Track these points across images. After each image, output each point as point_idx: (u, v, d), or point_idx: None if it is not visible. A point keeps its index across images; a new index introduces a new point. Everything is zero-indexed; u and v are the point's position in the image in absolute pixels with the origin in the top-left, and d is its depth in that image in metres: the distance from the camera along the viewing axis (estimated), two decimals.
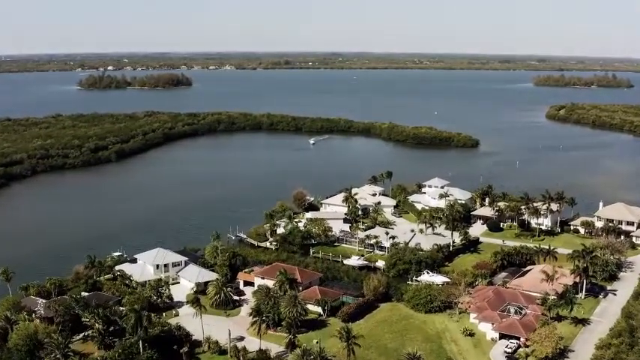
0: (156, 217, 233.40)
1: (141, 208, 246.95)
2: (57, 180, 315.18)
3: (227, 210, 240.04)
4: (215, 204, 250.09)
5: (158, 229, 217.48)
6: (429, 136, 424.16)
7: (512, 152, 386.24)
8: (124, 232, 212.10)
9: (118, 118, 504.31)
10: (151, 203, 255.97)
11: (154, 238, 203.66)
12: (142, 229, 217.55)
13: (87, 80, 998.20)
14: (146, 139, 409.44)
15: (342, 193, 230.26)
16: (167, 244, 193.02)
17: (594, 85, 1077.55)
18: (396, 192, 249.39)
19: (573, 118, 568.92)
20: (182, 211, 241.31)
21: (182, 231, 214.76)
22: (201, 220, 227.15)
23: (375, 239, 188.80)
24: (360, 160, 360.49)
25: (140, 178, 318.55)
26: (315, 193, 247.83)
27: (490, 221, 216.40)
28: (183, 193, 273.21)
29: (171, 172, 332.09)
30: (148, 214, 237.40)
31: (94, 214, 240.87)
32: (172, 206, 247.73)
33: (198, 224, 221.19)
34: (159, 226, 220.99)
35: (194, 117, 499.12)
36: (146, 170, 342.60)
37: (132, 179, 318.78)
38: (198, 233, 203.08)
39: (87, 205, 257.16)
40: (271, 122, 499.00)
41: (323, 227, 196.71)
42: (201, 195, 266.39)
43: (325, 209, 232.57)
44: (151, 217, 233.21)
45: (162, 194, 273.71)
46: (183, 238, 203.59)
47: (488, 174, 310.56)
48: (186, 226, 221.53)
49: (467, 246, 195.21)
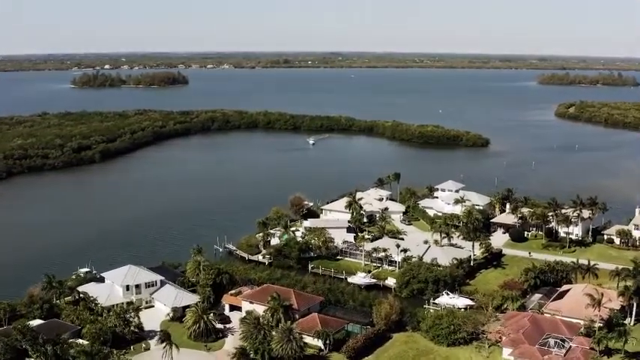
0: (134, 225, 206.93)
1: (119, 215, 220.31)
2: (33, 182, 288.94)
3: (216, 217, 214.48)
4: (203, 210, 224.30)
5: (136, 239, 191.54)
6: (435, 134, 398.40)
7: (525, 152, 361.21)
8: (96, 244, 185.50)
9: (107, 116, 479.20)
10: (130, 209, 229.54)
11: (131, 250, 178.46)
12: (118, 239, 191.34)
13: (80, 78, 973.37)
14: (134, 139, 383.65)
15: (344, 198, 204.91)
16: (144, 258, 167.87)
17: (600, 83, 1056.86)
18: (404, 196, 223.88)
19: (584, 116, 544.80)
20: (165, 218, 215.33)
21: (163, 242, 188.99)
22: (186, 228, 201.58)
23: (383, 252, 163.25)
24: (364, 161, 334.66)
25: (123, 181, 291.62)
26: (314, 198, 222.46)
27: (513, 230, 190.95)
28: (167, 197, 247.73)
29: (157, 173, 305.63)
30: (126, 221, 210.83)
31: (65, 221, 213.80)
32: (154, 213, 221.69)
33: (181, 234, 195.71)
34: (137, 237, 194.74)
35: (187, 115, 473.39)
36: (131, 172, 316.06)
37: (114, 182, 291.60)
38: (182, 244, 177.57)
39: (59, 211, 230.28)
40: (268, 120, 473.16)
41: (323, 238, 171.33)
42: (188, 200, 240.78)
43: (326, 216, 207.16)
44: (129, 225, 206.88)
45: (145, 199, 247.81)
46: (163, 250, 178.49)
47: (502, 176, 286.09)
48: (169, 235, 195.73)
49: (489, 259, 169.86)
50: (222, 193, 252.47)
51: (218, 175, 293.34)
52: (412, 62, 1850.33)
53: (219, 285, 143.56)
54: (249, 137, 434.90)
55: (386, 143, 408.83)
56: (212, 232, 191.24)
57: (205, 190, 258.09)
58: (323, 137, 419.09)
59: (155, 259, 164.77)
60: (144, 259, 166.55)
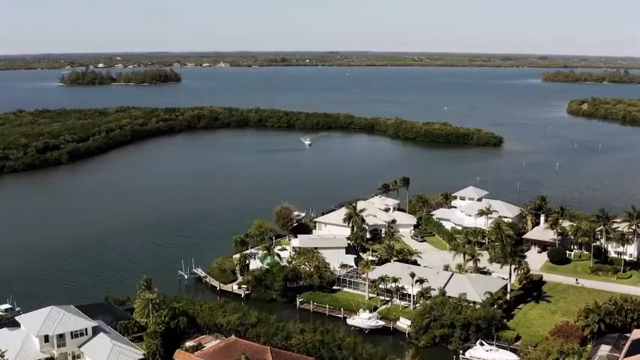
0: (83, 243, 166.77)
1: (67, 230, 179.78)
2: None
3: (187, 233, 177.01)
4: (172, 223, 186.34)
5: (80, 263, 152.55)
6: (443, 133, 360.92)
7: (544, 152, 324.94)
8: (27, 269, 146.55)
9: (86, 113, 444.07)
10: (84, 222, 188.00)
11: (72, 277, 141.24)
12: (57, 263, 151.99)
13: (69, 76, 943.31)
14: (109, 138, 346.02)
15: (343, 209, 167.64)
16: (86, 289, 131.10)
17: (606, 81, 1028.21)
18: (415, 205, 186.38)
19: (600, 113, 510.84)
20: (123, 234, 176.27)
21: (114, 267, 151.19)
22: (147, 248, 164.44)
23: (394, 283, 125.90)
24: (365, 163, 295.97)
25: (85, 186, 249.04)
26: (307, 208, 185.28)
27: (553, 249, 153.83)
28: (132, 207, 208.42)
29: (127, 178, 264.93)
30: (73, 238, 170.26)
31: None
32: (112, 227, 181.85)
33: (140, 255, 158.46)
34: (82, 259, 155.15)
35: (172, 112, 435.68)
36: (97, 176, 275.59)
37: (75, 187, 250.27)
38: (137, 270, 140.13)
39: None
40: (260, 118, 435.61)
41: (316, 262, 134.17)
42: (156, 210, 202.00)
43: (320, 230, 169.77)
44: (77, 243, 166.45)
45: (104, 209, 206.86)
46: (112, 278, 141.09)
47: (522, 180, 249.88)
48: (123, 258, 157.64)
49: (528, 289, 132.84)
50: (199, 202, 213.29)
51: (196, 181, 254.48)
52: (411, 61, 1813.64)
53: (174, 331, 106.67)
54: (238, 136, 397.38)
55: (388, 142, 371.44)
56: (179, 253, 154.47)
57: (178, 199, 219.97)
58: (320, 135, 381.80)
59: (99, 291, 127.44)
60: (84, 292, 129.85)
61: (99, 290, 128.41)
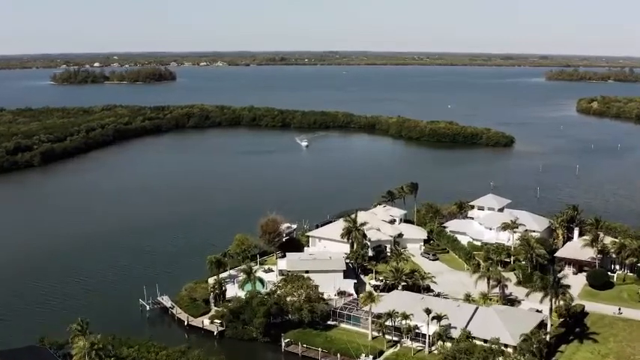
0: (26, 267, 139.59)
1: (11, 249, 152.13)
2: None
3: (157, 251, 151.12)
4: (140, 238, 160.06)
5: (22, 291, 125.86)
6: (450, 132, 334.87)
7: (559, 153, 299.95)
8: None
9: (69, 112, 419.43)
10: (35, 239, 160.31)
11: (4, 311, 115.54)
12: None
13: (60, 75, 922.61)
14: (89, 137, 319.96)
15: (341, 220, 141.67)
16: (20, 326, 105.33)
17: (611, 79, 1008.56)
18: (424, 216, 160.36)
19: (612, 112, 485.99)
20: (79, 253, 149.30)
21: (60, 297, 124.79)
22: (107, 269, 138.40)
23: (405, 320, 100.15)
24: (366, 166, 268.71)
25: (50, 193, 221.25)
26: (300, 219, 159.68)
27: (592, 271, 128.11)
28: (97, 219, 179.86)
29: (99, 183, 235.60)
30: (16, 260, 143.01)
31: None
32: (66, 246, 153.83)
33: (95, 281, 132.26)
34: (24, 287, 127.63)
35: (160, 111, 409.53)
36: (68, 180, 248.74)
37: (39, 194, 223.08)
38: (83, 302, 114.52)
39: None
40: (253, 116, 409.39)
41: (307, 290, 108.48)
42: (124, 224, 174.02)
43: (315, 247, 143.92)
44: (19, 266, 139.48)
45: (63, 222, 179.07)
46: (52, 313, 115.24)
47: (540, 184, 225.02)
48: (73, 284, 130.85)
49: (569, 324, 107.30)
50: (175, 211, 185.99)
51: (176, 186, 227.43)
52: (411, 60, 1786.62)
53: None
54: (229, 136, 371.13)
55: (391, 142, 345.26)
56: (144, 275, 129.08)
57: (152, 207, 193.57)
58: (317, 136, 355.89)
59: (35, 330, 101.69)
60: (17, 329, 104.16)
61: (41, 326, 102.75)
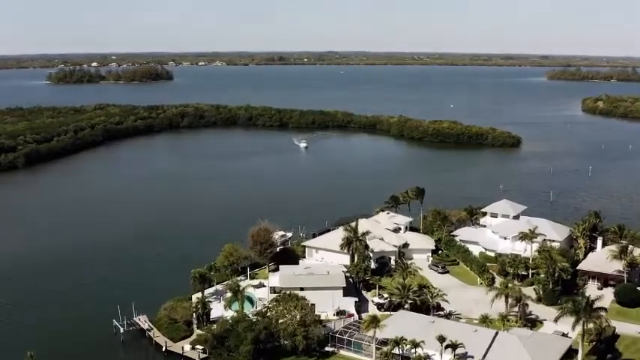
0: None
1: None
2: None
3: (137, 262, 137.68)
4: (120, 248, 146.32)
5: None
6: (454, 132, 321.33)
7: (568, 154, 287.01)
8: None
9: (60, 111, 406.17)
10: (15, 247, 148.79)
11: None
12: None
13: (56, 75, 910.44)
14: (77, 138, 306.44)
15: (341, 229, 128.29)
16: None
17: (613, 79, 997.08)
18: (431, 224, 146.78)
19: (619, 111, 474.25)
20: (52, 263, 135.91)
21: (25, 315, 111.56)
22: (80, 286, 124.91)
23: (414, 349, 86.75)
24: (368, 168, 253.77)
25: (28, 199, 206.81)
26: (296, 226, 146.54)
27: (621, 287, 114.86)
28: (75, 226, 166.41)
29: (81, 186, 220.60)
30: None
31: None
32: (36, 256, 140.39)
33: (64, 298, 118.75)
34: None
35: (153, 110, 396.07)
36: (49, 183, 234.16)
37: (15, 199, 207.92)
38: (56, 320, 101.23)
39: None
40: (250, 116, 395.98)
41: (301, 311, 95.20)
42: (105, 230, 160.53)
43: (311, 258, 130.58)
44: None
45: (40, 229, 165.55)
46: (17, 337, 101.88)
47: (552, 187, 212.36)
48: (37, 304, 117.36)
49: (600, 351, 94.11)
50: (158, 221, 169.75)
51: (164, 190, 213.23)
52: (411, 60, 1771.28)
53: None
54: (224, 136, 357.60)
55: (392, 143, 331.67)
56: (122, 290, 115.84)
57: (136, 213, 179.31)
58: (315, 136, 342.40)
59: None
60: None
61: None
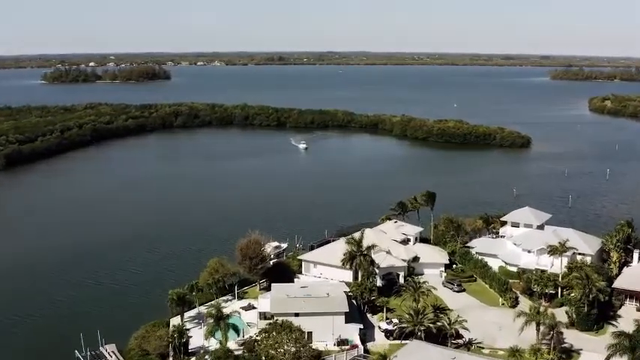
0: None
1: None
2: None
3: (111, 280, 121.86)
4: (92, 264, 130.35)
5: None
6: (460, 132, 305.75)
7: (581, 155, 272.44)
8: None
9: (50, 110, 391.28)
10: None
11: None
12: None
13: (51, 74, 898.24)
14: (63, 138, 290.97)
15: (342, 241, 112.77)
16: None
17: (617, 79, 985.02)
18: (444, 233, 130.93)
19: (628, 111, 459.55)
20: (11, 281, 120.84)
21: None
22: (38, 308, 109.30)
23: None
24: (371, 170, 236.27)
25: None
26: (293, 236, 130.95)
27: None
28: (37, 240, 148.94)
29: (58, 191, 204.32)
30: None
31: None
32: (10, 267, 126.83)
33: (17, 323, 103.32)
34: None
35: (146, 109, 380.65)
36: (28, 187, 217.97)
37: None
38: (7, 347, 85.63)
39: None
40: (246, 115, 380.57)
41: (296, 343, 79.55)
42: (70, 246, 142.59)
43: (309, 274, 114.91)
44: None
45: (20, 235, 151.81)
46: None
47: (570, 191, 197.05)
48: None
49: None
50: (136, 232, 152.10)
51: (143, 198, 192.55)
52: (411, 60, 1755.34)
53: None
54: (219, 136, 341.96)
55: (395, 143, 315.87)
56: (84, 316, 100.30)
57: (114, 223, 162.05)
58: (315, 136, 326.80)
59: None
60: None
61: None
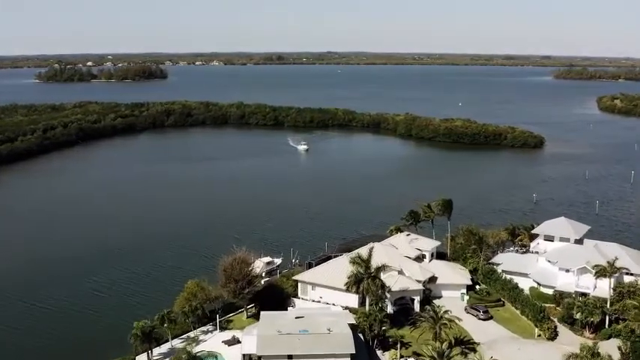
0: None
1: None
2: None
3: (61, 312, 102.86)
4: (40, 292, 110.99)
5: None
6: (468, 131, 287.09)
7: (599, 156, 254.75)
8: None
9: (37, 109, 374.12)
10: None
11: None
12: None
13: (46, 73, 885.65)
14: (45, 137, 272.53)
15: (345, 258, 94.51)
16: None
17: (621, 78, 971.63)
18: (463, 247, 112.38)
19: (639, 110, 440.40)
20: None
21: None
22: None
23: None
24: (377, 174, 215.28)
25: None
26: (288, 250, 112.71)
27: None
28: (10, 254, 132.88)
29: (26, 199, 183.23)
30: None
31: None
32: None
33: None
34: None
35: (136, 108, 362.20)
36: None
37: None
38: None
39: None
40: (242, 114, 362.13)
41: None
42: (25, 263, 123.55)
43: (306, 298, 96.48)
44: None
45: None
46: None
47: (594, 196, 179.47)
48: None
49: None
50: (104, 248, 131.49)
51: (120, 207, 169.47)
52: (411, 60, 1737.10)
53: None
54: (213, 136, 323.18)
55: (400, 143, 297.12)
56: (34, 350, 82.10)
57: (82, 233, 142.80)
58: (314, 135, 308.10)
59: None
60: None
61: None
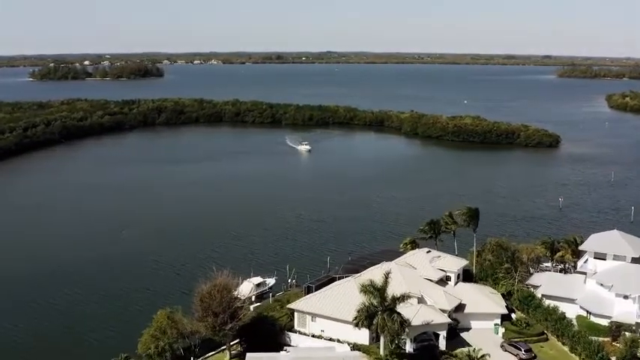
0: None
1: None
2: None
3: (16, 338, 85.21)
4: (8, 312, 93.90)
5: None
6: (479, 130, 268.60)
7: (620, 157, 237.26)
8: None
9: (22, 106, 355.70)
10: None
11: None
12: None
13: (39, 71, 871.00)
14: (25, 136, 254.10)
15: (353, 281, 75.91)
16: None
17: (626, 77, 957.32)
18: (492, 265, 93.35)
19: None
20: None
21: None
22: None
23: None
24: (384, 177, 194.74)
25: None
26: (284, 269, 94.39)
27: None
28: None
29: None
30: None
31: None
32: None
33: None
34: None
35: (126, 105, 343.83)
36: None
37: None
38: None
39: None
40: (237, 111, 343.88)
41: None
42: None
43: (305, 332, 78.00)
44: None
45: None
46: None
47: (615, 199, 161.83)
48: None
49: None
50: (63, 267, 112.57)
51: (87, 220, 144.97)
52: (412, 59, 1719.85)
53: None
54: (205, 136, 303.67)
55: (405, 142, 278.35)
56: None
57: (42, 250, 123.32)
58: (314, 134, 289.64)
59: None
60: None
61: None
